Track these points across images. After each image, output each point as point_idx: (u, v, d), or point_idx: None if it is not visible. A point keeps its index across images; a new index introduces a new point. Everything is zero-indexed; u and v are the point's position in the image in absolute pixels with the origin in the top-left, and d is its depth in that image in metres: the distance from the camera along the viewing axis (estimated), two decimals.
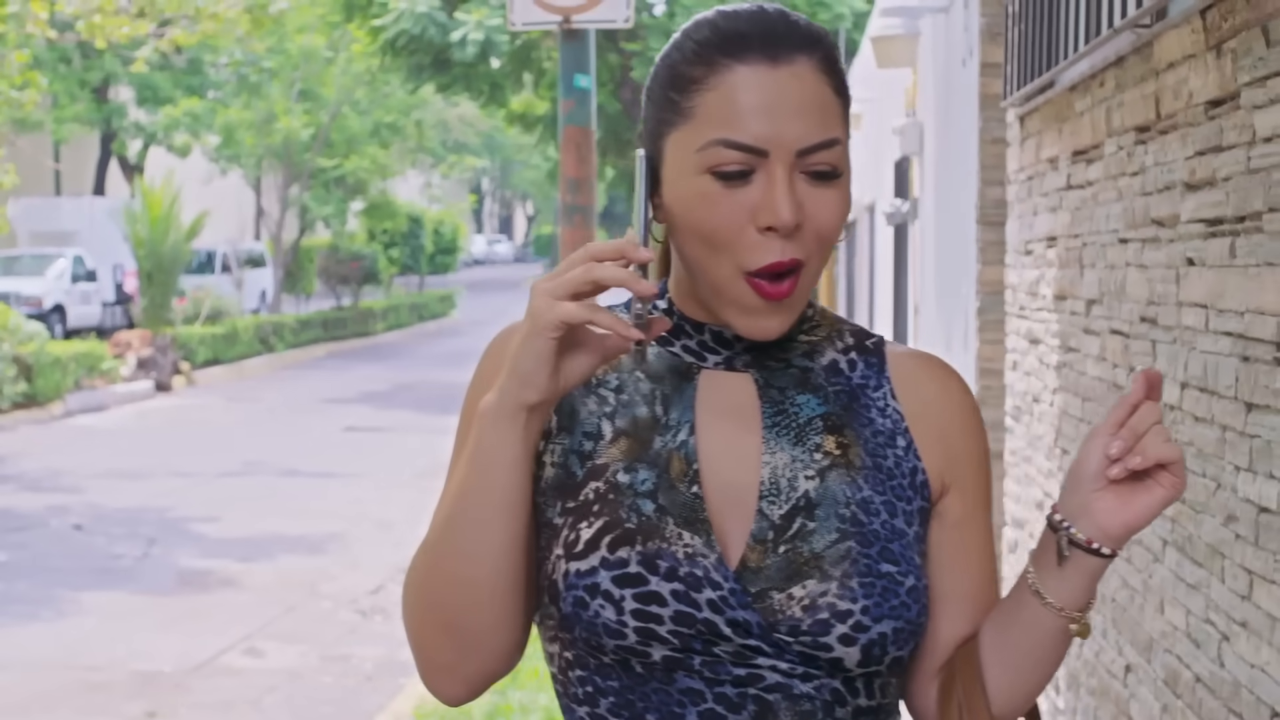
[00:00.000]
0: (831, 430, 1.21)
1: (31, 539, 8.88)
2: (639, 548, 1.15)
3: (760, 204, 1.14)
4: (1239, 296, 2.14)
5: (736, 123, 1.14)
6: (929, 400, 1.25)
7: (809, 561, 1.14)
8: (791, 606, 1.13)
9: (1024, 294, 4.11)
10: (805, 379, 1.23)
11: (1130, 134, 2.82)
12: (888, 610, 1.13)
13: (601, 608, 1.14)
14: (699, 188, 1.15)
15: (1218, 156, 2.25)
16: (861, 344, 1.28)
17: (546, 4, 6.21)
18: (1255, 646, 2.07)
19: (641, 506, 1.17)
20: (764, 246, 1.14)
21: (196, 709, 5.68)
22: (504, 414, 1.14)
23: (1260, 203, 2.06)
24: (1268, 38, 2.04)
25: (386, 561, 8.31)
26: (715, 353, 1.23)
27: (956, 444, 1.25)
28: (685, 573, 1.13)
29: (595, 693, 1.18)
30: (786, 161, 1.14)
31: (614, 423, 1.22)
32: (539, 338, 1.11)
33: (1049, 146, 3.68)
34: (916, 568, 1.18)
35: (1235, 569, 2.16)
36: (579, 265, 1.11)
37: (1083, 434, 3.30)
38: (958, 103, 5.87)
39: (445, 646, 1.19)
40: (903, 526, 1.19)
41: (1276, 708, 1.99)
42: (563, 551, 1.17)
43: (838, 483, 1.18)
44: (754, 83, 1.14)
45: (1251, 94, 2.10)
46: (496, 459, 1.14)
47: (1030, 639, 1.18)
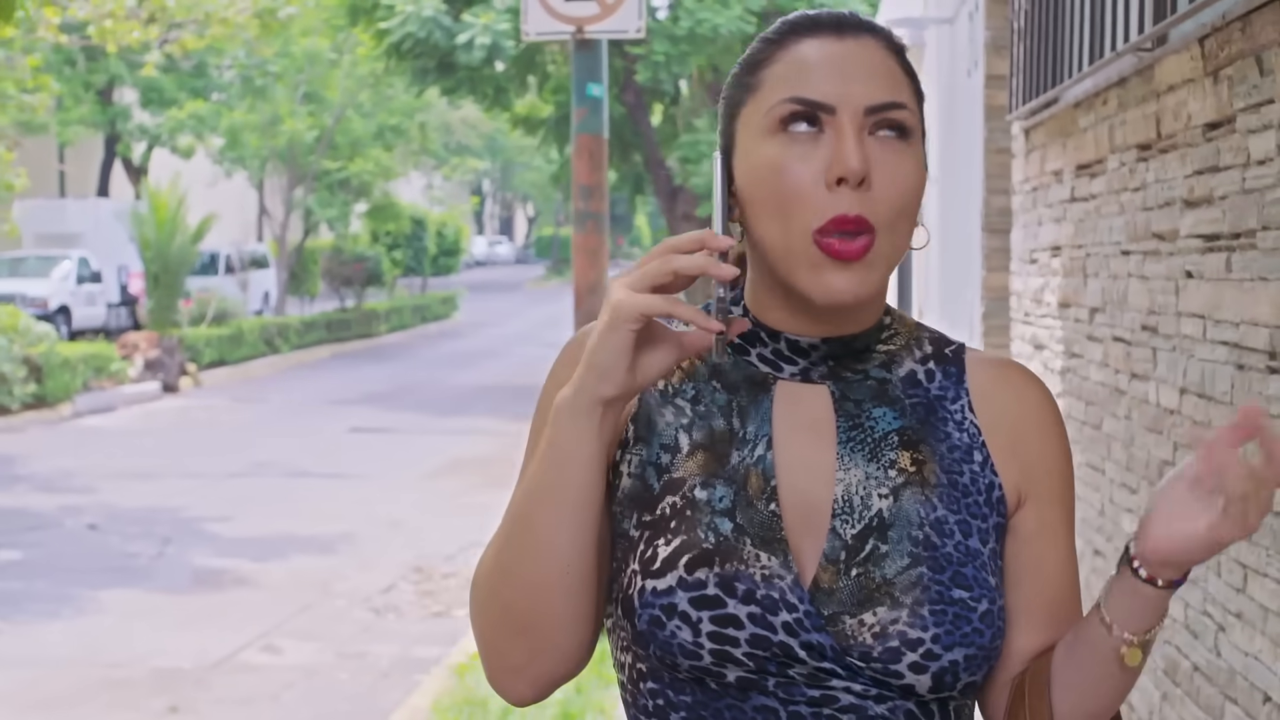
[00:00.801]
0: (907, 446, 1.19)
1: (47, 538, 9.00)
2: (717, 569, 1.13)
3: (830, 159, 1.12)
4: (1234, 308, 2.28)
5: (804, 82, 1.14)
6: (1005, 410, 1.22)
7: (880, 587, 1.13)
8: (863, 633, 1.12)
9: (1029, 300, 4.25)
10: (882, 391, 1.21)
11: (1132, 151, 2.96)
12: (959, 638, 1.12)
13: (678, 628, 1.13)
14: (770, 153, 1.14)
15: (1215, 176, 2.39)
16: (940, 352, 1.25)
17: (559, 14, 6.35)
18: (1249, 636, 2.21)
19: (719, 525, 1.15)
20: (833, 202, 1.12)
21: (217, 704, 5.81)
22: (580, 409, 1.12)
23: (1254, 221, 2.20)
24: (1261, 67, 2.18)
25: (398, 561, 8.44)
26: (792, 362, 1.21)
27: (1033, 454, 1.22)
28: (762, 595, 1.12)
29: (667, 706, 1.17)
30: (855, 119, 1.13)
31: (691, 435, 1.20)
32: (618, 330, 1.09)
33: (1053, 160, 3.82)
34: (991, 590, 1.16)
35: (1231, 564, 2.30)
36: (658, 258, 1.10)
37: (1086, 437, 3.43)
38: (963, 112, 6.00)
39: (517, 648, 1.17)
40: (977, 546, 1.17)
41: (1269, 693, 2.13)
42: (639, 567, 1.16)
43: (912, 502, 1.17)
44: (820, 49, 1.16)
45: (1246, 119, 2.24)
46: (572, 455, 1.12)
47: (1091, 658, 1.15)
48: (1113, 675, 1.15)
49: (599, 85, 6.38)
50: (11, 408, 14.67)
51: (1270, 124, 2.14)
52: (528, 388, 18.12)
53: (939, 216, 7.13)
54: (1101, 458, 3.24)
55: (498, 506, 7.62)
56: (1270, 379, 2.13)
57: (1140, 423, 2.89)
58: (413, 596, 7.70)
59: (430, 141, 27.71)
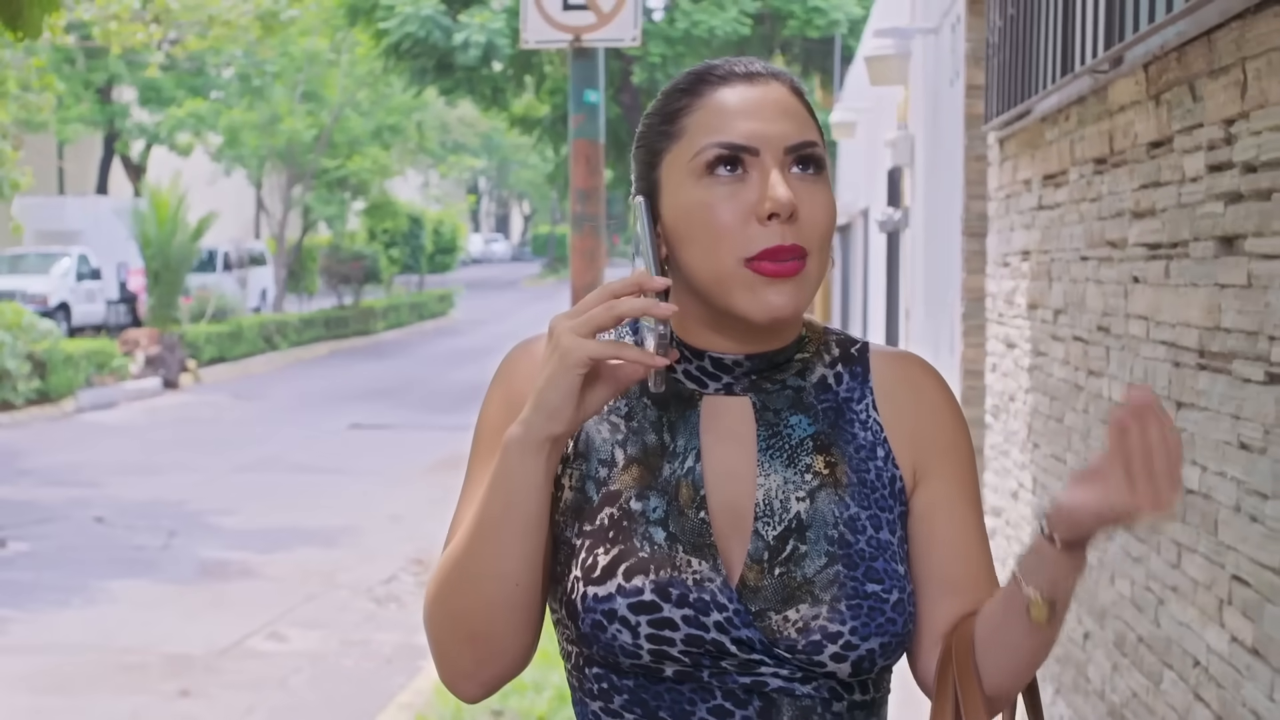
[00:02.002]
0: (820, 450, 1.28)
1: (55, 530, 9.21)
2: (653, 576, 1.22)
3: (758, 197, 1.21)
4: (1171, 311, 2.52)
5: (726, 127, 1.23)
6: (904, 400, 1.32)
7: (801, 586, 1.22)
8: (787, 628, 1.22)
9: (1002, 302, 4.48)
10: (799, 399, 1.29)
11: (1090, 164, 3.20)
12: (874, 629, 1.22)
13: (619, 631, 1.22)
14: (698, 195, 1.23)
15: (1156, 190, 2.63)
16: (847, 353, 1.34)
17: (558, 23, 6.56)
18: (1183, 607, 2.44)
19: (654, 535, 1.24)
20: (765, 235, 1.21)
21: (227, 688, 6.03)
22: (529, 446, 1.20)
23: (1187, 233, 2.44)
24: (1194, 93, 2.41)
25: (398, 553, 8.66)
26: (715, 378, 1.29)
27: (926, 435, 1.32)
28: (694, 598, 1.21)
29: (610, 689, 1.26)
30: (776, 158, 1.22)
31: (626, 450, 1.28)
32: (568, 374, 1.17)
33: (1024, 169, 4.06)
34: (900, 578, 1.25)
35: (1168, 543, 2.54)
36: (599, 304, 1.18)
37: (1050, 430, 3.67)
38: (945, 120, 6.23)
39: (466, 655, 1.26)
40: (887, 538, 1.27)
41: (1198, 658, 2.37)
42: (581, 574, 1.24)
43: (827, 502, 1.26)
44: (736, 95, 1.24)
45: (1182, 140, 2.48)
46: (521, 487, 1.20)
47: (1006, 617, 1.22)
48: (1025, 633, 1.22)
49: (596, 92, 6.60)
50: (16, 403, 14.89)
51: (1200, 145, 2.37)
52: None
53: (924, 220, 7.36)
54: (1063, 449, 3.48)
55: None
56: (1200, 374, 2.37)
57: (1096, 416, 3.13)
58: (413, 587, 7.92)
59: (427, 140, 27.91)
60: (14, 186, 12.48)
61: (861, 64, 10.31)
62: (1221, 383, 2.26)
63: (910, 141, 7.86)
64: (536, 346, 1.32)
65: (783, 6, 16.74)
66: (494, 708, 5.45)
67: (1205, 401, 2.34)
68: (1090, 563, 2.99)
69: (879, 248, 10.97)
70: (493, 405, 1.33)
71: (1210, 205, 2.33)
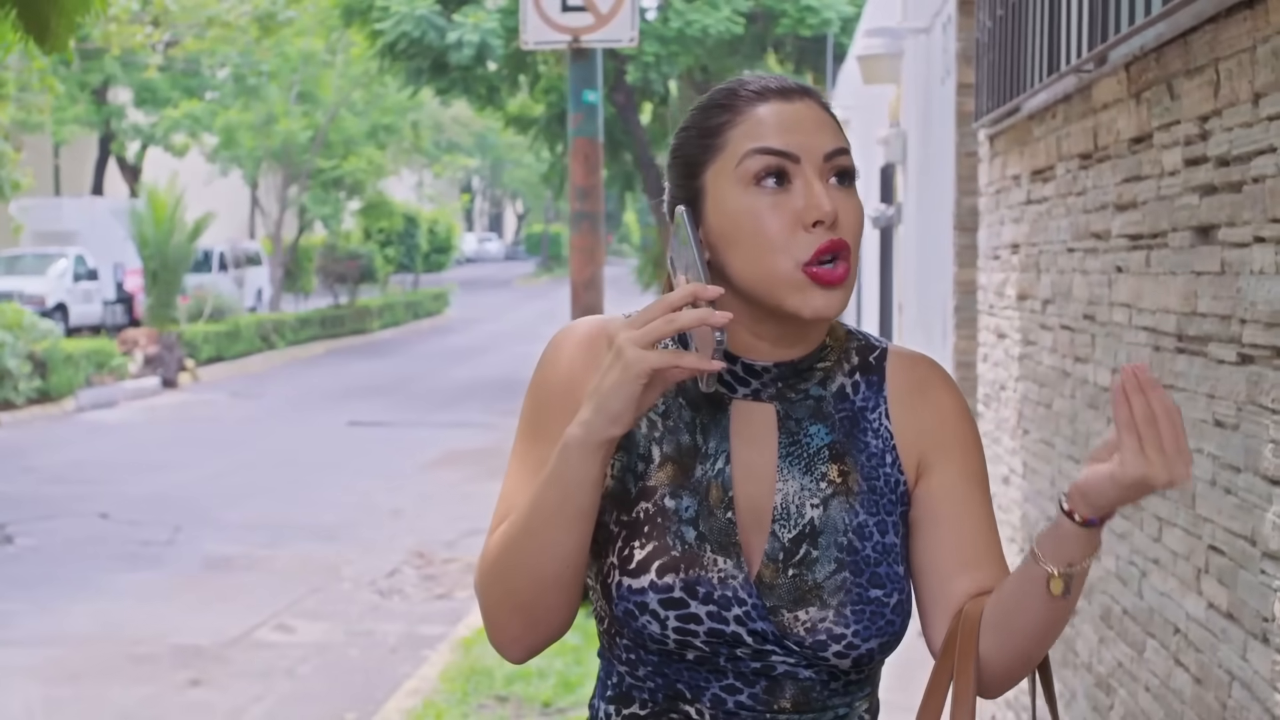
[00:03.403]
0: (835, 459, 1.39)
1: (60, 526, 9.32)
2: (682, 575, 1.34)
3: (804, 206, 1.31)
4: (1152, 298, 2.66)
5: (769, 136, 1.33)
6: (913, 402, 1.42)
7: (811, 590, 1.34)
8: (797, 626, 1.34)
9: (992, 294, 4.62)
10: (819, 409, 1.40)
11: (1075, 160, 3.33)
12: (875, 631, 1.34)
13: (648, 622, 1.34)
14: (746, 204, 1.32)
15: (1137, 184, 2.77)
16: (865, 361, 1.43)
17: (556, 24, 6.69)
18: (1163, 578, 2.58)
19: (685, 534, 1.35)
20: (813, 239, 1.31)
21: (237, 678, 6.15)
22: (589, 447, 1.29)
23: (1166, 224, 2.58)
24: (1171, 92, 2.55)
25: (400, 546, 8.78)
26: (744, 384, 1.39)
27: (932, 427, 1.42)
28: (719, 595, 1.34)
29: (636, 660, 1.39)
30: (816, 166, 1.32)
31: (661, 448, 1.39)
32: (632, 384, 1.27)
33: (1013, 165, 4.20)
34: (900, 580, 1.37)
35: (1150, 518, 2.68)
36: (658, 318, 1.27)
37: (1040, 416, 3.81)
38: (937, 117, 6.37)
39: (516, 623, 1.38)
40: (892, 540, 1.38)
41: (1178, 625, 2.50)
42: (618, 563, 1.36)
43: (838, 510, 1.37)
44: (774, 111, 1.34)
45: (1160, 136, 2.61)
46: (579, 483, 1.31)
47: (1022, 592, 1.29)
48: (1040, 608, 1.29)
49: (594, 92, 6.72)
50: (17, 402, 15.00)
51: (1178, 141, 2.50)
52: (520, 383, 18.38)
53: (916, 216, 7.50)
54: (1052, 434, 3.62)
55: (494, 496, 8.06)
56: (1178, 358, 2.51)
57: (1082, 401, 3.27)
58: (416, 580, 8.04)
59: (422, 140, 28.01)
60: (15, 187, 12.59)
61: (854, 63, 10.44)
62: (1198, 364, 2.40)
63: (902, 139, 8.00)
64: (579, 333, 1.44)
65: (775, 5, 16.87)
66: (499, 693, 5.58)
67: (1183, 383, 2.47)
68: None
69: (872, 243, 11.11)
70: (536, 388, 1.44)
71: (1187, 197, 2.47)
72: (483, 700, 5.49)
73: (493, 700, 5.51)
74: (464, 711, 5.34)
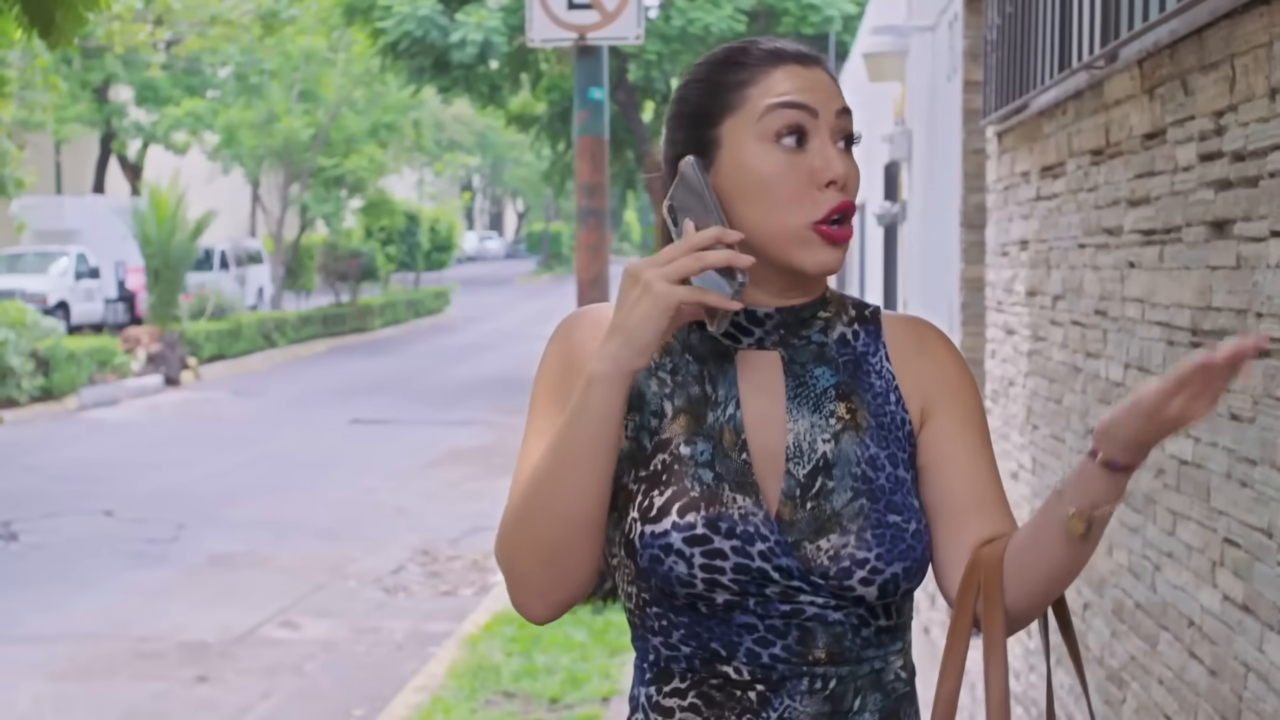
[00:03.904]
0: (842, 397, 1.43)
1: (65, 524, 9.33)
2: (703, 513, 1.36)
3: (819, 166, 1.37)
4: (1165, 293, 2.67)
5: (788, 90, 1.38)
6: (911, 352, 1.48)
7: (831, 518, 1.37)
8: (820, 556, 1.36)
9: (1001, 290, 4.63)
10: (821, 353, 1.44)
11: (1086, 156, 3.35)
12: (897, 554, 1.36)
13: (675, 563, 1.36)
14: (764, 156, 1.38)
15: (1150, 180, 2.78)
16: (861, 314, 1.50)
17: (563, 22, 6.70)
18: (1177, 571, 2.59)
19: (702, 475, 1.38)
20: (827, 198, 1.37)
21: (244, 674, 6.17)
22: (615, 378, 1.34)
23: (1180, 219, 2.59)
24: (1185, 88, 2.56)
25: (405, 544, 8.79)
26: (748, 333, 1.44)
27: (932, 376, 1.47)
28: (741, 530, 1.36)
29: (669, 625, 1.41)
30: (830, 122, 1.38)
31: (673, 401, 1.43)
32: (661, 316, 1.32)
33: (1022, 162, 4.21)
34: (916, 511, 1.39)
35: (1164, 512, 2.69)
36: (684, 255, 1.33)
37: (1050, 411, 3.82)
38: (943, 115, 6.38)
39: (544, 577, 1.39)
40: (903, 474, 1.41)
41: (1192, 618, 2.52)
42: (638, 515, 1.38)
43: (849, 444, 1.40)
44: (791, 74, 1.40)
45: (1174, 131, 2.63)
46: (606, 416, 1.35)
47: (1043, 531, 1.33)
48: (1058, 547, 1.32)
49: (600, 89, 6.74)
50: (20, 400, 15.02)
51: (1192, 136, 2.52)
52: (522, 381, 18.44)
53: (921, 213, 7.51)
54: (1062, 429, 3.63)
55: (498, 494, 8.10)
56: (1194, 352, 2.52)
57: (1093, 396, 3.28)
58: (420, 577, 8.06)
59: (424, 138, 28.03)
60: (19, 185, 12.60)
61: (858, 60, 10.45)
62: None
63: (908, 136, 8.01)
64: (591, 316, 1.48)
65: (777, 4, 16.89)
66: (507, 689, 5.59)
67: None
68: None
69: (876, 241, 11.12)
70: (551, 363, 1.48)
71: (1201, 192, 2.48)
72: (490, 696, 5.51)
73: (500, 696, 5.53)
74: (472, 707, 5.36)
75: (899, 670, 1.43)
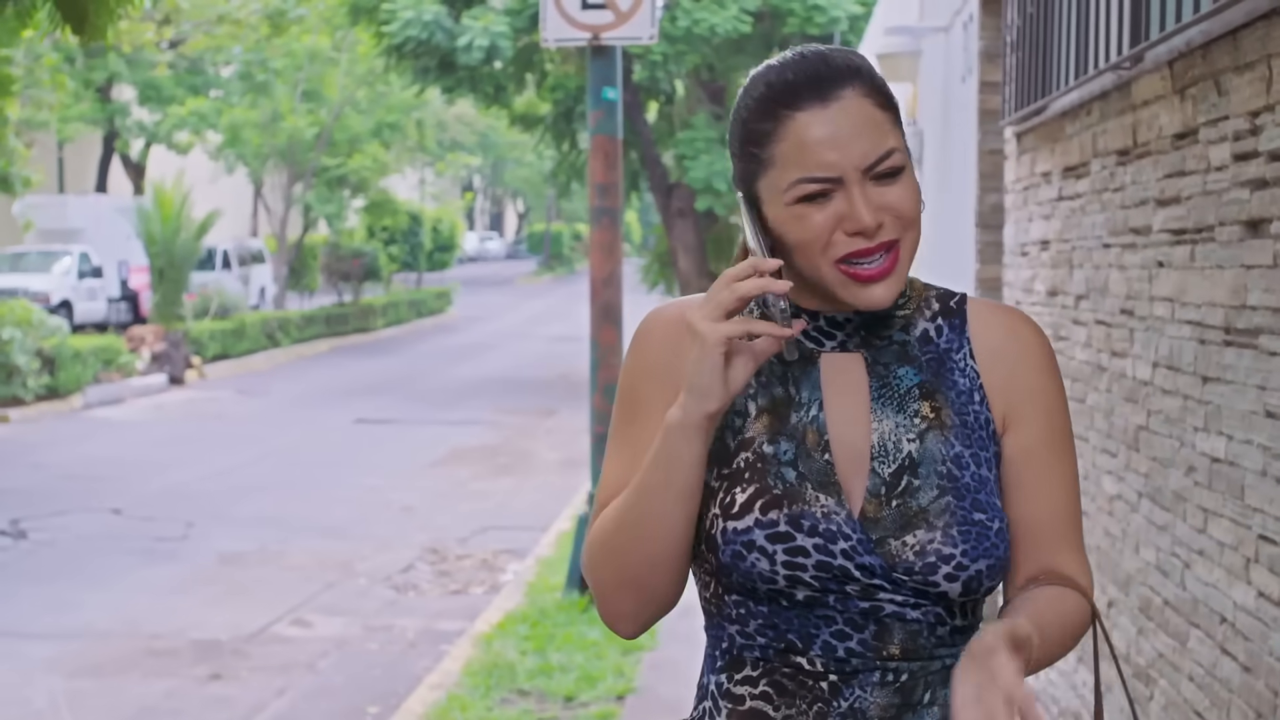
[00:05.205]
0: (926, 396, 1.43)
1: (74, 522, 9.34)
2: (786, 510, 1.38)
3: (845, 215, 1.37)
4: (1197, 292, 2.68)
5: (809, 161, 1.37)
6: (998, 347, 1.46)
7: (917, 515, 1.38)
8: (905, 552, 1.37)
9: (1019, 290, 4.65)
10: (904, 352, 1.45)
11: (1112, 156, 3.36)
12: (982, 551, 1.37)
13: (757, 560, 1.38)
14: (792, 214, 1.39)
15: (1181, 179, 2.79)
16: (946, 306, 1.49)
17: (576, 22, 6.71)
18: (1209, 569, 2.61)
19: (785, 474, 1.40)
20: (851, 242, 1.38)
21: (256, 671, 6.17)
22: (689, 426, 1.36)
23: (1213, 218, 2.60)
24: (1219, 88, 2.58)
25: (414, 542, 8.80)
26: (831, 337, 1.46)
27: (1018, 381, 1.46)
28: (823, 529, 1.37)
29: (747, 615, 1.42)
30: (857, 179, 1.36)
31: (757, 402, 1.44)
32: (710, 357, 1.34)
33: (1042, 162, 4.22)
34: (999, 511, 1.41)
35: (1194, 509, 2.70)
36: (724, 289, 1.35)
37: (1073, 411, 3.83)
38: (957, 116, 6.39)
39: (629, 600, 1.44)
40: (987, 474, 1.42)
41: (1224, 615, 2.53)
42: (720, 511, 1.40)
43: (934, 443, 1.41)
44: (812, 123, 1.37)
45: (1207, 131, 2.64)
46: (682, 464, 1.37)
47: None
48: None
49: (614, 89, 6.74)
50: (25, 399, 15.02)
51: (1226, 136, 2.53)
52: (526, 381, 18.48)
53: (934, 213, 7.52)
54: (1085, 428, 3.64)
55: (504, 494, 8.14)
56: (1225, 350, 2.53)
57: (1119, 394, 3.29)
58: (430, 576, 8.06)
59: (426, 138, 28.04)
60: (26, 184, 12.61)
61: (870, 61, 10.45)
62: (1247, 356, 2.42)
63: (920, 137, 8.03)
64: (667, 313, 1.50)
65: (783, 5, 16.89)
66: (522, 688, 5.60)
67: (1231, 375, 2.50)
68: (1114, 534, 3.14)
69: None
70: (631, 370, 1.50)
71: (1236, 192, 2.49)
72: (505, 694, 5.52)
73: (515, 694, 5.53)
74: (488, 705, 5.37)
75: None
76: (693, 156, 17.03)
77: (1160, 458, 2.93)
